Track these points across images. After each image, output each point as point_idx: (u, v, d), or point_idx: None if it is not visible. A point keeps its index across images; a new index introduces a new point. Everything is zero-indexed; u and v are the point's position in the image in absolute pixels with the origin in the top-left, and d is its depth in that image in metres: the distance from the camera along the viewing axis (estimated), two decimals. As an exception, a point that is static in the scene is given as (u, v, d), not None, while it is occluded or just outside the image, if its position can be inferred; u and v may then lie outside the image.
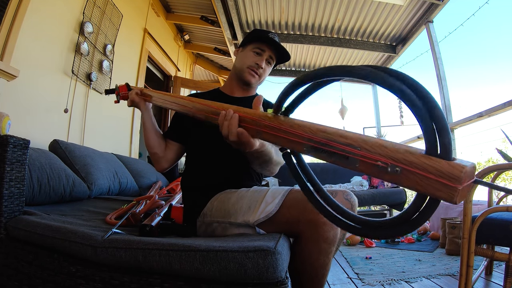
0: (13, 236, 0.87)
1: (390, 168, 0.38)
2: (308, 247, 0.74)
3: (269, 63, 1.06)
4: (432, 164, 0.35)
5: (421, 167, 0.35)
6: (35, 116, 1.74)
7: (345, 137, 0.43)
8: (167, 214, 1.06)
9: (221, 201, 0.89)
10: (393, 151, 0.38)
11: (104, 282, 0.72)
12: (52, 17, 1.85)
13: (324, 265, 0.76)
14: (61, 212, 1.14)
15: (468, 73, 27.45)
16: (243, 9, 3.43)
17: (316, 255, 0.74)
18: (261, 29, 1.03)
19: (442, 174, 0.34)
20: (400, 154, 0.37)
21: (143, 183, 2.26)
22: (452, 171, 0.34)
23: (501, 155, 2.04)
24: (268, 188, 0.85)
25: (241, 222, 0.81)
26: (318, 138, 0.46)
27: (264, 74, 1.07)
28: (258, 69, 1.04)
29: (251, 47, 1.05)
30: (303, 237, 0.75)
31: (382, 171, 0.39)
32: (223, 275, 0.64)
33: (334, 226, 0.72)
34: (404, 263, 1.71)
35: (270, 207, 0.77)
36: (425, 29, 3.29)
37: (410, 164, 0.36)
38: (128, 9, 2.76)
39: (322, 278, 0.79)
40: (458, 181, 0.33)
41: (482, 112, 2.54)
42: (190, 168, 1.05)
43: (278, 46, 1.04)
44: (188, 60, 4.83)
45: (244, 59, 1.04)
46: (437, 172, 0.34)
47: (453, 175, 0.33)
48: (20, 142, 0.91)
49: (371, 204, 3.43)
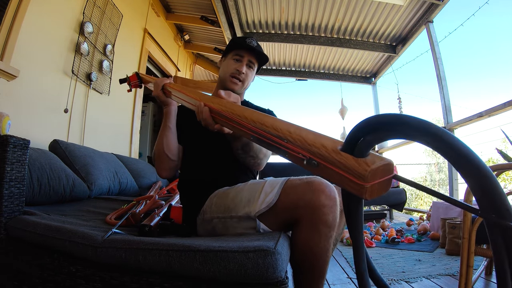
0: (13, 236, 0.87)
1: (307, 161, 0.38)
2: (308, 232, 0.75)
3: (250, 67, 1.09)
4: (341, 160, 0.35)
5: (332, 162, 0.35)
6: (35, 116, 1.74)
7: (277, 129, 0.43)
8: (166, 214, 1.06)
9: (220, 197, 0.90)
10: (311, 145, 0.38)
11: (104, 282, 0.72)
12: (52, 17, 1.85)
13: (325, 250, 0.76)
14: (61, 212, 1.14)
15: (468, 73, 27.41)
16: (243, 9, 3.43)
17: (317, 239, 0.74)
18: (240, 36, 1.09)
19: (349, 171, 0.34)
20: (316, 148, 0.37)
21: (143, 183, 2.26)
22: (357, 168, 0.33)
23: (501, 155, 2.03)
24: (266, 180, 0.86)
25: (242, 215, 0.82)
26: (258, 130, 0.46)
27: (247, 78, 1.09)
28: (240, 75, 1.06)
29: (231, 55, 1.09)
30: (302, 222, 0.75)
31: (303, 164, 0.39)
32: (223, 275, 0.64)
33: (333, 209, 0.73)
34: (404, 263, 1.71)
35: (270, 197, 0.78)
36: (425, 29, 3.29)
37: (323, 158, 0.36)
38: (128, 9, 2.76)
39: (323, 265, 0.78)
40: (363, 179, 0.33)
41: (482, 112, 2.54)
42: (188, 168, 1.05)
43: (255, 50, 1.07)
44: (188, 60, 4.83)
45: (226, 68, 1.09)
46: (345, 168, 0.34)
47: (359, 173, 0.33)
48: (20, 142, 0.91)
49: (371, 204, 3.43)
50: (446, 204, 2.38)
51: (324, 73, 4.97)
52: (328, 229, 0.74)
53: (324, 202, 0.72)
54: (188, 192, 1.02)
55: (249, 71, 1.10)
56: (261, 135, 0.45)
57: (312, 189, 0.73)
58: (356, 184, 0.33)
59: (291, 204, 0.76)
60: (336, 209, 0.74)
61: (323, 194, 0.73)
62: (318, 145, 0.37)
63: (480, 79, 29.42)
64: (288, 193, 0.77)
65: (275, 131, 0.43)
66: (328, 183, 0.76)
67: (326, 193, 0.73)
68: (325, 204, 0.72)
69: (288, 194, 0.77)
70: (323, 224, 0.73)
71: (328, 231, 0.74)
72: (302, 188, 0.75)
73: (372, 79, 4.97)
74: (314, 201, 0.72)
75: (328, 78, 4.98)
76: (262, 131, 0.45)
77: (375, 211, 3.76)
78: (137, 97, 3.09)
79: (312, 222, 0.73)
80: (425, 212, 3.16)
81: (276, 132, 0.43)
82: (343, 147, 0.35)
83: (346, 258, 1.85)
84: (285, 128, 0.42)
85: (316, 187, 0.73)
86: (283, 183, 0.80)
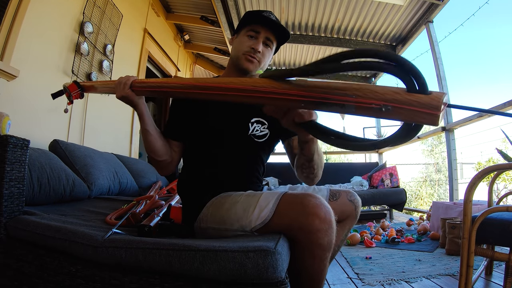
0: (13, 236, 0.87)
1: (384, 108, 0.45)
2: (303, 254, 0.73)
3: (267, 45, 0.96)
4: (416, 99, 0.43)
5: (408, 103, 0.44)
6: (35, 116, 1.74)
7: (340, 89, 0.50)
8: (166, 214, 1.06)
9: (216, 206, 0.86)
10: (383, 94, 0.46)
11: (104, 282, 0.72)
12: (52, 17, 1.85)
13: (319, 270, 0.75)
14: (61, 212, 1.14)
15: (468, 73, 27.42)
16: (243, 9, 3.43)
17: (311, 261, 0.73)
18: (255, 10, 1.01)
19: (424, 105, 0.43)
20: (389, 95, 0.45)
21: (143, 183, 2.26)
22: (432, 102, 0.42)
23: (501, 155, 2.04)
24: (262, 192, 0.83)
25: (237, 229, 0.79)
26: (316, 94, 0.52)
27: (264, 58, 0.96)
28: (256, 54, 0.93)
29: (245, 31, 0.95)
30: (297, 244, 0.73)
31: (377, 111, 0.46)
32: (223, 275, 0.64)
33: (328, 232, 0.70)
34: (404, 263, 1.71)
35: (265, 212, 0.75)
36: (425, 29, 3.29)
37: (398, 101, 0.44)
38: (128, 9, 2.76)
39: (319, 282, 0.78)
40: (437, 109, 0.42)
41: (482, 112, 2.54)
42: (188, 170, 1.01)
43: (275, 24, 0.93)
44: (188, 60, 4.83)
45: (239, 46, 0.95)
46: (420, 105, 0.43)
47: (433, 105, 0.42)
48: (20, 142, 0.91)
49: (371, 204, 3.43)
50: (446, 204, 2.38)
51: (324, 73, 4.96)
52: (323, 252, 0.72)
53: (319, 227, 0.69)
54: (187, 195, 0.99)
55: (266, 50, 0.96)
56: (320, 98, 0.51)
57: (306, 212, 0.70)
58: (431, 115, 0.42)
59: (285, 226, 0.73)
60: (331, 232, 0.71)
61: (318, 218, 0.69)
62: (390, 93, 0.45)
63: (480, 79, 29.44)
64: (281, 213, 0.74)
65: (339, 91, 0.50)
66: (323, 204, 0.72)
67: (321, 216, 0.69)
68: (320, 229, 0.69)
69: (282, 216, 0.74)
70: (318, 247, 0.71)
71: (323, 254, 0.72)
72: (296, 210, 0.72)
73: (372, 79, 4.97)
74: (308, 225, 0.69)
75: (328, 78, 4.98)
76: (322, 94, 0.51)
77: (375, 211, 3.76)
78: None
79: (307, 245, 0.71)
80: (425, 212, 3.16)
81: (340, 91, 0.49)
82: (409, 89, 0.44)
83: (346, 258, 1.85)
84: (348, 86, 0.49)
85: (311, 211, 0.70)
86: (278, 199, 0.76)
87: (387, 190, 3.40)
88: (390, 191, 3.36)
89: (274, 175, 3.55)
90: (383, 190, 3.41)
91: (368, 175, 3.84)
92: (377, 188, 3.60)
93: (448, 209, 2.22)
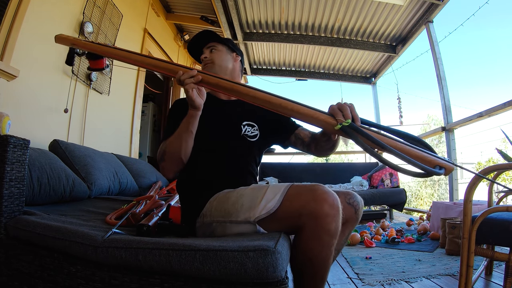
0: (13, 236, 0.87)
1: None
2: (310, 241, 0.74)
3: (212, 50, 1.14)
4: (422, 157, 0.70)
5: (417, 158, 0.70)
6: (35, 116, 1.74)
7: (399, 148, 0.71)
8: (165, 214, 1.05)
9: (220, 201, 0.89)
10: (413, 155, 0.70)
11: (104, 282, 0.72)
12: (52, 17, 1.85)
13: (326, 258, 0.76)
14: (61, 212, 1.14)
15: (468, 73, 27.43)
16: (243, 9, 3.43)
17: (319, 248, 0.74)
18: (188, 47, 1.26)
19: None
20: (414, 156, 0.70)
21: (143, 183, 2.26)
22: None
23: (501, 155, 2.03)
24: (268, 185, 0.85)
25: (242, 220, 0.81)
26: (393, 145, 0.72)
27: (214, 57, 1.12)
28: (204, 60, 1.13)
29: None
30: (304, 231, 0.75)
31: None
32: (223, 275, 0.64)
33: (336, 218, 0.73)
34: (404, 263, 1.71)
35: (271, 203, 0.77)
36: (425, 29, 3.29)
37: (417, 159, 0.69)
38: (128, 9, 2.76)
39: (324, 273, 0.79)
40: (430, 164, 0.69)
41: (482, 112, 2.54)
42: (188, 170, 1.01)
43: (199, 39, 1.16)
44: (188, 60, 4.83)
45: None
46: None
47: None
48: (20, 142, 0.91)
49: (371, 204, 3.43)
50: (446, 204, 2.38)
51: (324, 73, 4.97)
52: (330, 238, 0.74)
53: (328, 211, 0.72)
54: (187, 193, 1.01)
55: (212, 52, 1.13)
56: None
57: (315, 198, 0.73)
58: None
59: (293, 212, 0.75)
60: (338, 218, 0.74)
61: (326, 203, 0.72)
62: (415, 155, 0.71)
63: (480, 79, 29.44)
64: (291, 200, 0.77)
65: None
66: (331, 192, 0.76)
67: (330, 202, 0.73)
68: (328, 213, 0.72)
69: (291, 201, 0.76)
70: (326, 233, 0.73)
71: (330, 240, 0.74)
72: (305, 196, 0.75)
73: (372, 79, 4.97)
74: (318, 210, 0.72)
75: (328, 78, 4.98)
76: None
77: (375, 211, 3.76)
78: (137, 97, 3.09)
79: (315, 231, 0.73)
80: (425, 212, 3.16)
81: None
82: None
83: (346, 258, 1.85)
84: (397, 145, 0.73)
85: (320, 196, 0.73)
86: (286, 190, 0.79)
87: (387, 190, 3.40)
88: (390, 191, 3.35)
89: (274, 175, 3.56)
90: (383, 190, 3.41)
91: (368, 175, 3.84)
92: (377, 188, 3.60)
93: (448, 209, 2.22)
